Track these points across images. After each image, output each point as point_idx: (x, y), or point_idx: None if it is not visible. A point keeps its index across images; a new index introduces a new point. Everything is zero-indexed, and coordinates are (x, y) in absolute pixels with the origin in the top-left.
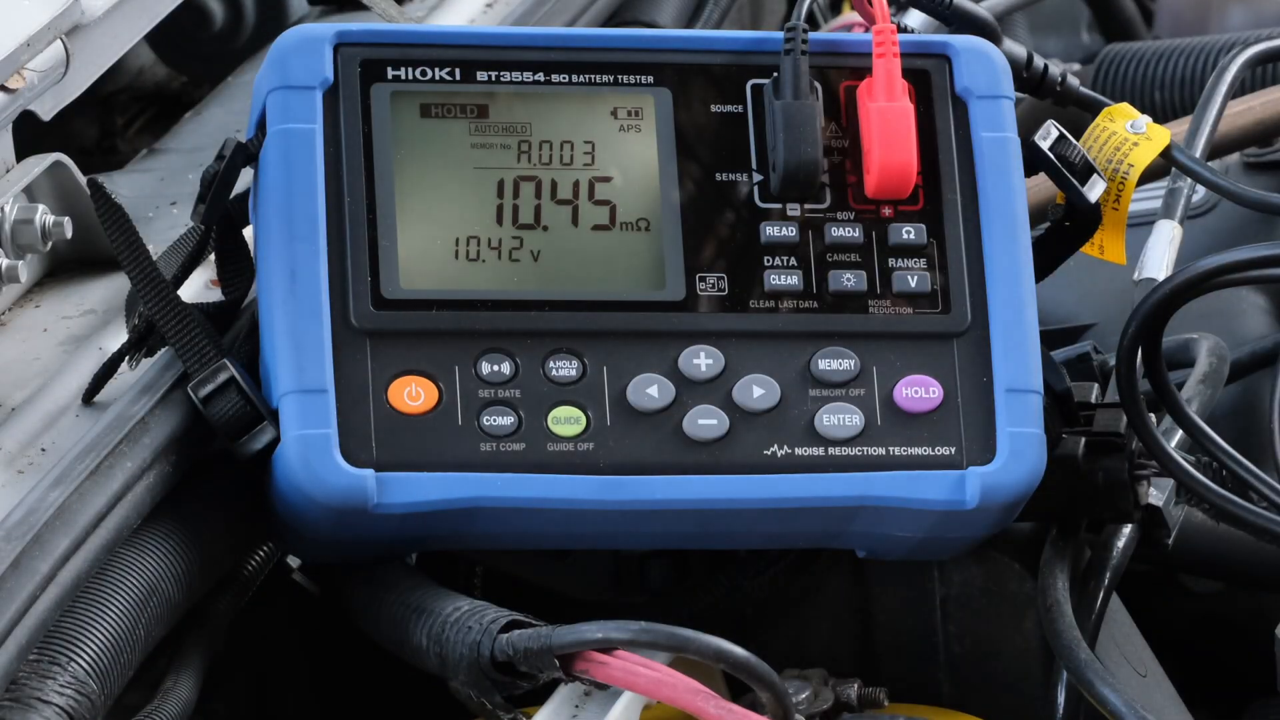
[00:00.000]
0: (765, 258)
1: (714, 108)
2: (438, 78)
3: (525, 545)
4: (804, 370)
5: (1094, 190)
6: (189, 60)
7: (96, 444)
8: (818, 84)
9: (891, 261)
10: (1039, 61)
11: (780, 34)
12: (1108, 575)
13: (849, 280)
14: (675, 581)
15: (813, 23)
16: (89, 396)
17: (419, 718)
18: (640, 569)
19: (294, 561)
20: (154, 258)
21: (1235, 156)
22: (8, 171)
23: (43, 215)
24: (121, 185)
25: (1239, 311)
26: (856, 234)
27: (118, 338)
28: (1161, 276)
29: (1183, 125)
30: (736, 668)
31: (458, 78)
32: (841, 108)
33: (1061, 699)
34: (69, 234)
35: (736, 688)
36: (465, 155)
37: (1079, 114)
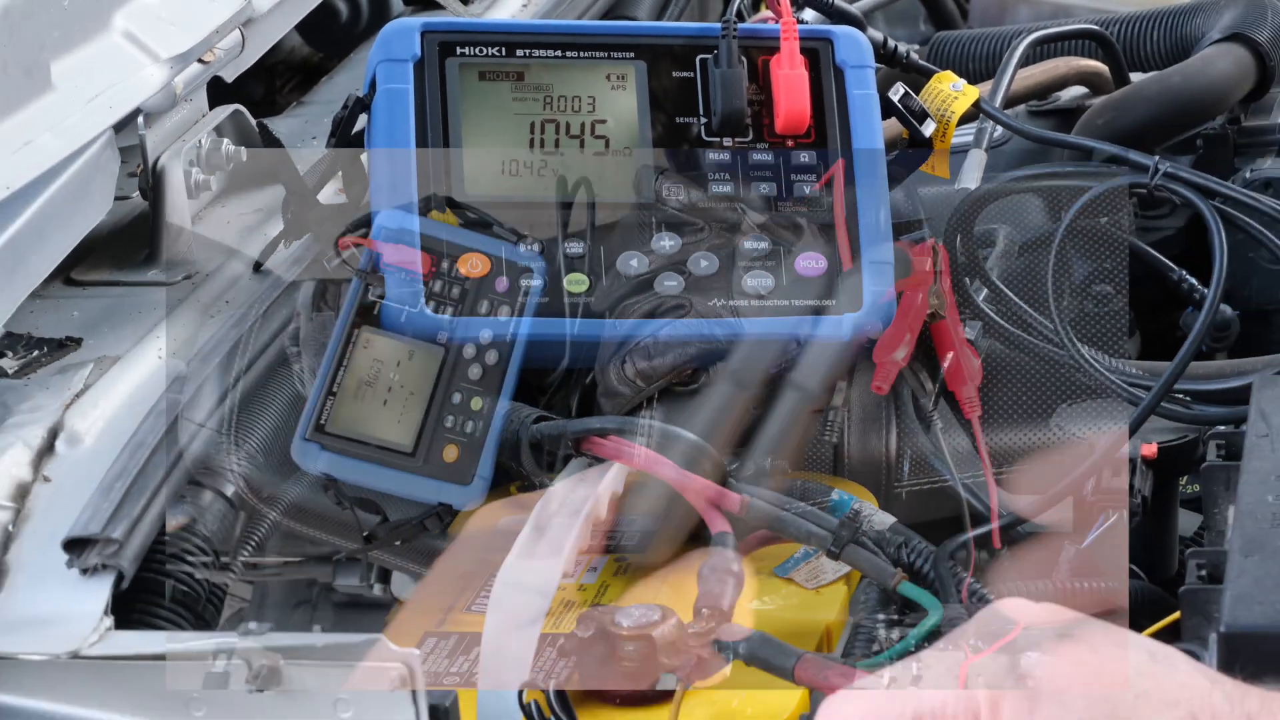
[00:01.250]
0: (709, 174)
1: (675, 74)
2: (490, 54)
3: (552, 364)
4: (735, 249)
5: (928, 129)
6: (324, 42)
7: (263, 297)
8: (744, 58)
9: (793, 177)
10: (891, 43)
11: (719, 25)
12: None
13: (765, 189)
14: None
15: (740, 17)
16: (257, 266)
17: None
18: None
19: None
20: (301, 175)
21: (1022, 107)
22: (203, 116)
23: (226, 146)
24: (279, 126)
25: (1025, 210)
26: (770, 158)
27: (277, 227)
28: (973, 187)
29: (987, 86)
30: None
31: (503, 54)
32: (760, 74)
33: (906, 469)
34: (244, 159)
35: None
36: (509, 105)
37: (918, 78)
